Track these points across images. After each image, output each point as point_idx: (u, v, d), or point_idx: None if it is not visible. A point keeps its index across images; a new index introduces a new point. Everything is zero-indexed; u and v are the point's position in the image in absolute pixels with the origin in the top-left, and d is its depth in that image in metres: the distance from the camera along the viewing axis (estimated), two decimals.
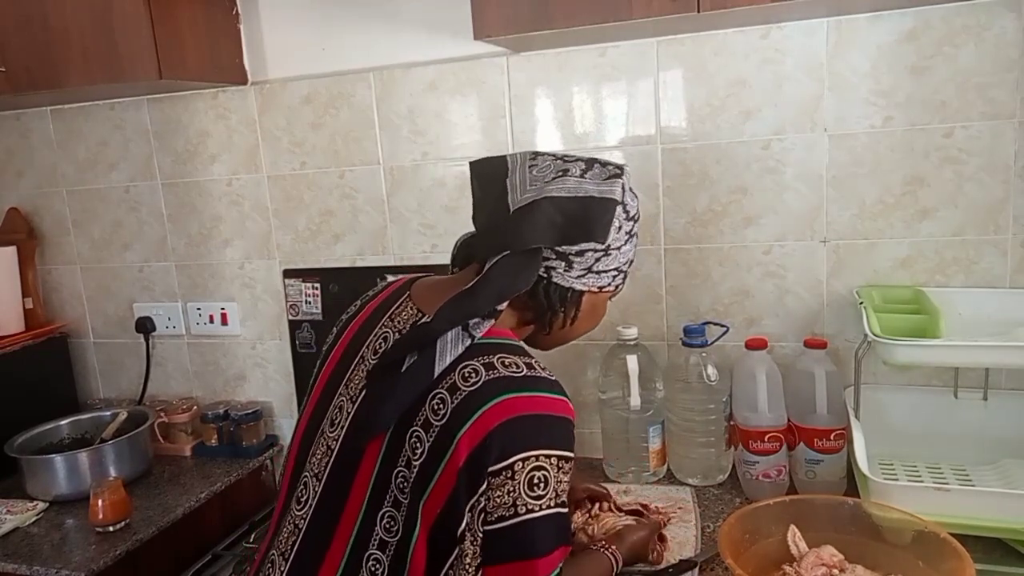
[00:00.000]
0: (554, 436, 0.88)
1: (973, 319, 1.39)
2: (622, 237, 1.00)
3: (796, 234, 1.55)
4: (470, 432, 0.85)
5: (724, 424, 1.49)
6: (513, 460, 0.85)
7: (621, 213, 0.99)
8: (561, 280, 0.98)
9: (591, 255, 0.98)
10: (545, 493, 0.86)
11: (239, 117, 1.87)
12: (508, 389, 0.87)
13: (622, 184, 0.99)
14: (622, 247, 1.01)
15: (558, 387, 0.92)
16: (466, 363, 0.90)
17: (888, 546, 1.10)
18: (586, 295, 1.02)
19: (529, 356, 0.94)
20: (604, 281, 1.01)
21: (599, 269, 0.99)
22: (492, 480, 0.84)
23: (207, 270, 1.99)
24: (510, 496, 0.84)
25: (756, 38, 1.50)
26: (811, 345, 1.43)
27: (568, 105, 1.64)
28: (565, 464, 0.88)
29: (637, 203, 1.04)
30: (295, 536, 0.97)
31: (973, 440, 1.42)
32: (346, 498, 0.93)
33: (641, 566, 1.21)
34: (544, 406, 0.89)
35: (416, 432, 0.88)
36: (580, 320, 1.04)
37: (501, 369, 0.89)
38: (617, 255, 1.01)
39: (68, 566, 1.42)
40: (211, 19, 1.75)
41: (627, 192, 1.01)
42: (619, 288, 1.06)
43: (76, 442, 1.82)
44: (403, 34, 1.72)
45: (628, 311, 1.68)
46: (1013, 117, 1.40)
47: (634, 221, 1.02)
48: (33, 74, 1.64)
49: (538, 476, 0.85)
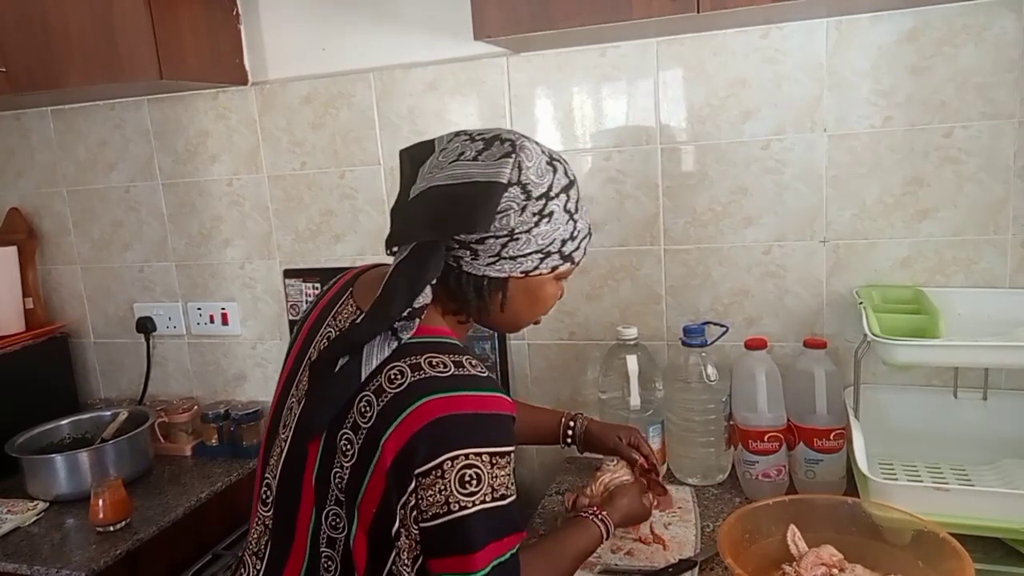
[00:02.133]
0: (483, 433, 0.87)
1: (973, 319, 1.39)
2: (528, 219, 0.92)
3: (796, 234, 1.55)
4: (395, 435, 0.85)
5: (724, 424, 1.49)
6: (441, 460, 0.84)
7: (518, 195, 0.91)
8: (471, 269, 0.94)
9: (494, 242, 0.92)
10: (479, 490, 0.85)
11: (239, 117, 1.87)
12: (434, 390, 0.86)
13: (514, 163, 0.91)
14: (533, 229, 0.92)
15: (488, 383, 0.91)
16: (393, 364, 0.89)
17: (888, 546, 1.10)
18: (511, 281, 0.95)
19: (460, 354, 0.92)
20: (527, 266, 0.94)
21: (511, 255, 0.93)
22: (421, 480, 0.85)
23: (207, 270, 1.99)
24: (442, 495, 0.84)
25: (756, 38, 1.50)
26: (811, 345, 1.42)
27: (568, 105, 1.64)
28: (500, 460, 0.87)
29: (555, 175, 0.94)
30: (265, 536, 1.00)
31: (973, 440, 1.42)
32: (299, 498, 0.95)
33: (641, 566, 1.21)
34: (471, 405, 0.87)
35: (346, 434, 0.89)
36: (515, 306, 0.98)
37: (428, 370, 0.88)
38: (530, 238, 0.92)
39: (68, 566, 1.42)
40: (211, 19, 1.75)
41: (527, 170, 0.92)
42: (558, 268, 0.97)
43: (76, 442, 1.82)
44: (403, 34, 1.72)
45: (628, 311, 1.68)
46: (1013, 117, 1.40)
47: (546, 199, 0.93)
48: (33, 74, 1.65)
49: (469, 474, 0.85)
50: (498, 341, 1.75)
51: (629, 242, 1.65)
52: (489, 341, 1.75)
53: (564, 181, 0.96)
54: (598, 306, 1.70)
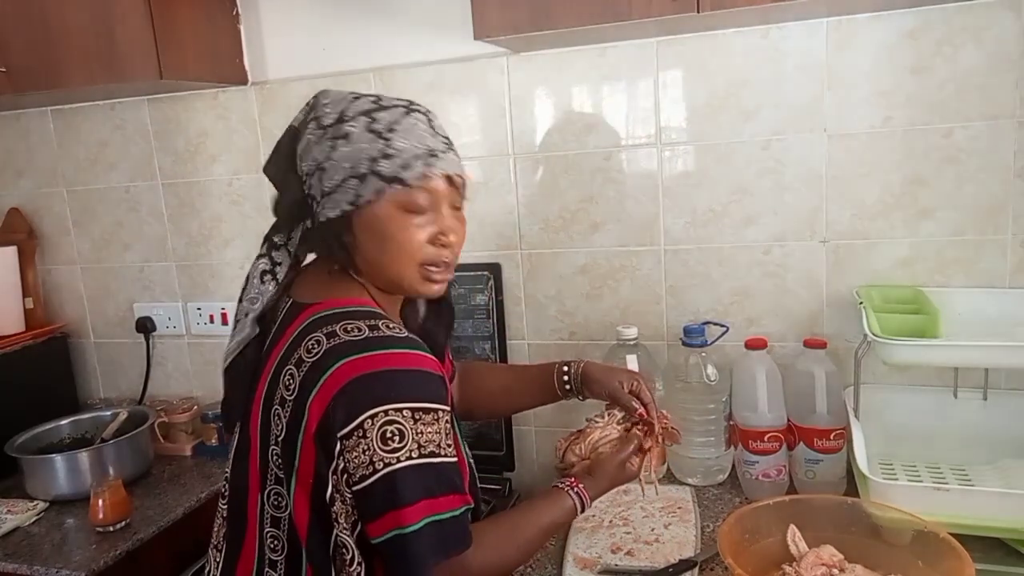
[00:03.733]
0: (402, 389, 0.87)
1: (973, 319, 1.39)
2: (324, 147, 0.94)
3: (796, 234, 1.55)
4: (317, 400, 0.87)
5: (724, 424, 1.49)
6: (361, 419, 0.85)
7: (313, 129, 0.95)
8: (319, 218, 0.97)
9: (314, 182, 0.95)
10: (403, 446, 0.85)
11: (239, 117, 1.87)
12: (348, 352, 0.88)
13: (307, 106, 0.99)
14: (332, 154, 0.93)
15: (407, 342, 0.91)
16: (310, 335, 0.91)
17: (888, 546, 1.10)
18: (353, 220, 0.95)
19: (376, 319, 0.93)
20: (348, 195, 0.93)
21: (328, 189, 0.94)
22: (345, 443, 0.86)
23: (207, 270, 1.99)
24: (366, 455, 0.85)
25: (756, 38, 1.50)
26: (811, 345, 1.42)
27: (568, 105, 1.64)
28: (424, 416, 0.87)
29: (353, 103, 0.96)
30: (224, 528, 1.03)
31: (973, 440, 1.42)
32: (247, 485, 0.97)
33: (641, 566, 1.21)
34: (387, 362, 0.88)
35: (275, 410, 0.92)
36: (369, 248, 0.96)
37: (342, 335, 0.90)
38: (334, 164, 0.93)
39: (68, 566, 1.42)
40: (211, 19, 1.75)
41: (321, 107, 0.96)
42: (385, 192, 0.93)
43: (76, 442, 1.82)
44: (403, 34, 1.72)
45: (628, 311, 1.68)
46: (1013, 117, 1.40)
47: (340, 122, 0.94)
48: (33, 74, 1.65)
49: (391, 430, 0.85)
50: (498, 341, 1.75)
51: (629, 242, 1.65)
52: (489, 341, 1.75)
53: (366, 106, 0.95)
54: (598, 306, 1.70)
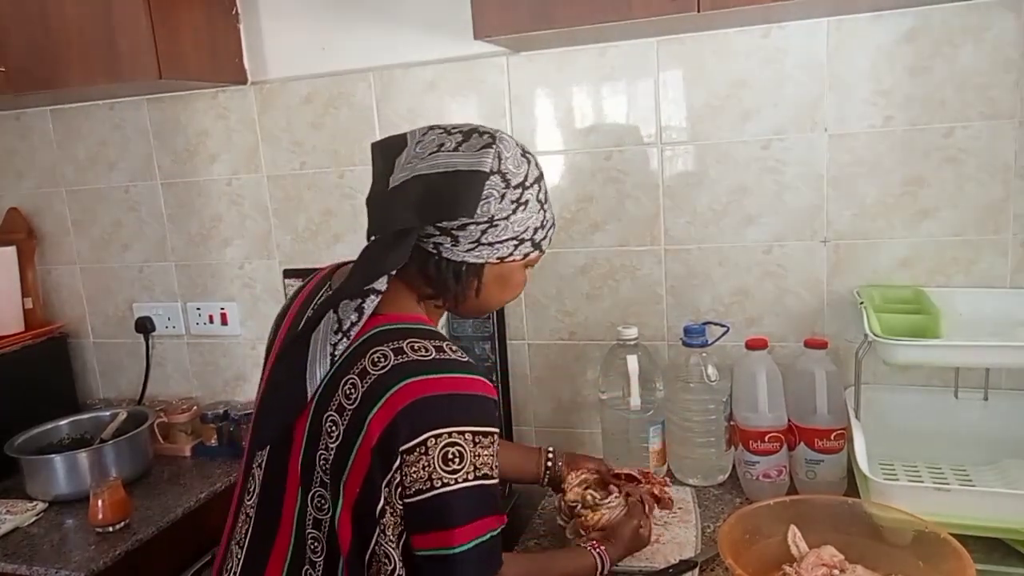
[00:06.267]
0: (465, 413, 0.90)
1: (973, 319, 1.39)
2: (507, 207, 0.96)
3: (796, 234, 1.55)
4: (380, 414, 0.88)
5: (724, 424, 1.49)
6: (425, 437, 0.88)
7: (499, 183, 0.95)
8: (451, 255, 0.97)
9: (475, 228, 0.96)
10: (461, 467, 0.89)
11: (239, 117, 1.87)
12: (416, 372, 0.90)
13: (495, 153, 0.96)
14: (511, 216, 0.97)
15: (469, 367, 0.94)
16: (376, 349, 0.92)
17: (888, 546, 1.10)
18: (487, 267, 1.00)
19: (440, 340, 0.96)
20: (503, 252, 0.98)
21: (489, 241, 0.97)
22: (406, 457, 0.88)
23: (207, 270, 1.99)
24: (425, 471, 0.88)
25: (756, 38, 1.50)
26: (811, 345, 1.42)
27: (568, 105, 1.64)
28: (483, 439, 0.91)
29: (529, 167, 0.99)
30: (247, 525, 1.02)
31: (973, 440, 1.42)
32: (285, 483, 0.97)
33: (641, 566, 1.21)
34: (453, 386, 0.91)
35: (331, 416, 0.92)
36: (489, 291, 1.03)
37: (410, 353, 0.92)
38: (508, 225, 0.97)
39: (68, 566, 1.42)
40: (211, 19, 1.75)
41: (505, 160, 0.96)
42: (530, 256, 1.02)
43: (76, 442, 1.82)
44: (403, 34, 1.72)
45: (628, 311, 1.68)
46: (1013, 117, 1.40)
47: (523, 188, 0.97)
48: (33, 74, 1.64)
49: (453, 451, 0.88)
50: (498, 341, 1.74)
51: (629, 242, 1.65)
52: (489, 341, 1.75)
53: (536, 173, 1.01)
54: (598, 306, 1.70)
